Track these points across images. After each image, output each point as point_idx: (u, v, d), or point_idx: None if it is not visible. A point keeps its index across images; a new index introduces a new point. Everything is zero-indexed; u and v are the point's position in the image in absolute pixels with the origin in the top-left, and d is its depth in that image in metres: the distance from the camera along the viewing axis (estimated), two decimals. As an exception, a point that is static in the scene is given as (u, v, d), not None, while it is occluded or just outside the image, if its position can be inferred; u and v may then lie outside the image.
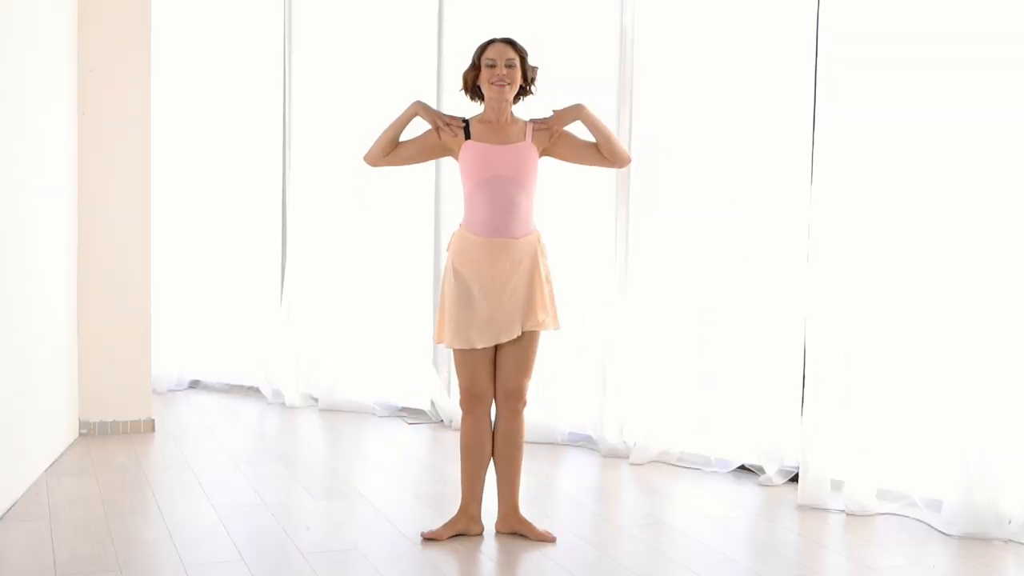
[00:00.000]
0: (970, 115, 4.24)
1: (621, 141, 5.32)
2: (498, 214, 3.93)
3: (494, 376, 4.04)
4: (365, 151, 4.08)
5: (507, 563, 3.88)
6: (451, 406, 5.95)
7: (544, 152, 4.05)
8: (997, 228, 4.19)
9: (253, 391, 6.80)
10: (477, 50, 4.01)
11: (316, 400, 6.49)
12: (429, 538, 4.03)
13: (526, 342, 4.00)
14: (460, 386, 4.06)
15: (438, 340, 4.09)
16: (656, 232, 5.33)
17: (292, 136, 6.63)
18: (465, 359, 4.01)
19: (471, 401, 4.04)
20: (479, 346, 3.95)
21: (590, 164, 4.12)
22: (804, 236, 4.77)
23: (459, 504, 4.12)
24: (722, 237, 5.10)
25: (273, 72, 6.74)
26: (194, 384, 6.98)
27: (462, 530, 4.08)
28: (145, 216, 5.65)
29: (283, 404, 6.52)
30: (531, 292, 3.96)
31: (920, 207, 4.42)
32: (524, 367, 4.02)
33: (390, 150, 4.05)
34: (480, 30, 5.74)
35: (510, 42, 3.99)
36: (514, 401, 4.05)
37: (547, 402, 5.50)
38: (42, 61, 4.92)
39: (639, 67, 5.40)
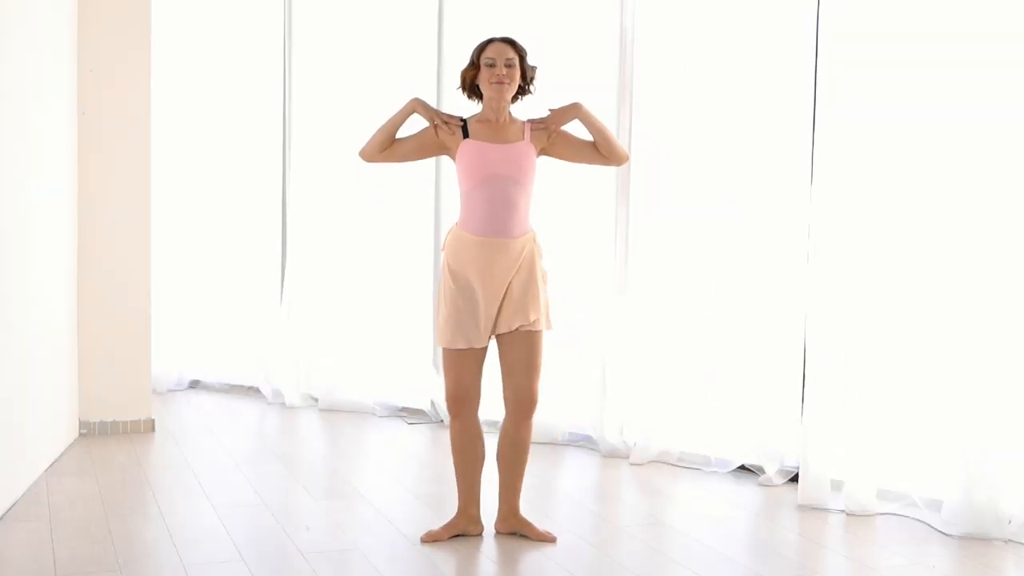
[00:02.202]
0: (970, 115, 4.24)
1: (621, 141, 5.36)
2: (496, 213, 3.92)
3: (502, 380, 4.02)
4: (361, 146, 4.06)
5: (507, 563, 3.88)
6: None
7: (542, 151, 4.04)
8: (997, 228, 4.19)
9: (253, 391, 6.80)
10: (476, 49, 4.00)
11: (316, 400, 6.50)
12: (429, 540, 4.03)
13: (529, 345, 3.97)
14: (446, 390, 4.02)
15: (439, 342, 4.09)
16: (656, 232, 5.33)
17: (292, 136, 6.63)
18: (454, 361, 3.98)
19: (456, 405, 4.01)
20: (476, 346, 3.94)
21: (588, 162, 4.11)
22: (804, 236, 4.77)
23: (457, 506, 4.12)
24: (722, 237, 5.11)
25: (273, 72, 6.74)
26: (194, 384, 6.98)
27: (462, 531, 4.08)
28: (145, 216, 5.65)
29: (283, 404, 6.52)
30: (526, 291, 3.95)
31: (920, 207, 4.42)
32: (532, 370, 3.99)
33: (386, 146, 4.03)
34: (480, 30, 5.75)
35: (510, 41, 3.98)
36: (527, 406, 4.01)
37: (547, 402, 5.47)
38: (42, 61, 4.92)
39: (639, 67, 5.40)
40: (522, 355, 3.97)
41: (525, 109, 4.11)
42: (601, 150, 4.04)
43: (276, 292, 6.76)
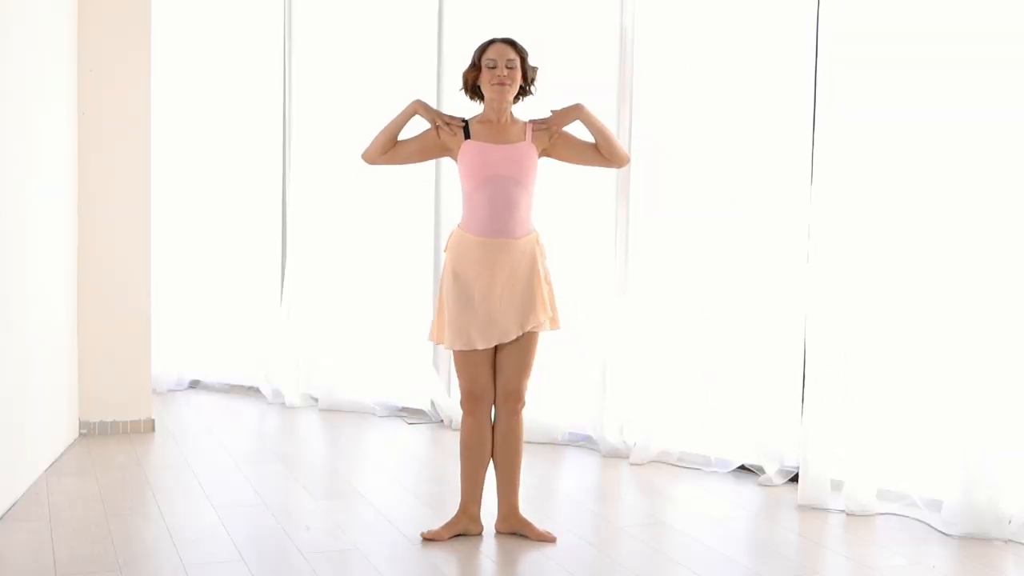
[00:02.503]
0: (970, 115, 4.24)
1: (621, 141, 5.36)
2: (497, 214, 3.93)
3: (494, 377, 4.04)
4: (363, 148, 4.07)
5: (507, 563, 3.88)
6: (451, 406, 5.95)
7: (544, 152, 4.05)
8: (997, 228, 4.19)
9: (253, 391, 6.80)
10: (477, 50, 4.00)
11: (316, 400, 6.49)
12: (429, 538, 4.03)
13: (525, 343, 4.00)
14: (461, 387, 4.06)
15: (437, 340, 4.09)
16: (656, 232, 5.33)
17: (292, 136, 6.64)
18: (466, 360, 4.00)
19: (472, 402, 4.04)
20: (479, 347, 3.95)
21: (589, 164, 4.12)
22: (804, 236, 4.77)
23: (459, 504, 4.12)
24: (722, 237, 5.11)
25: (273, 72, 6.74)
26: (194, 384, 6.98)
27: (462, 530, 4.08)
28: (145, 216, 5.65)
29: (283, 404, 6.52)
30: (531, 293, 3.96)
31: (920, 207, 4.43)
32: (523, 368, 4.03)
33: (388, 148, 4.04)
34: (480, 30, 5.76)
35: (511, 42, 3.99)
36: (513, 402, 4.05)
37: (547, 402, 5.50)
38: (42, 61, 4.92)
39: (639, 67, 5.40)
40: (517, 354, 4.00)
41: (526, 110, 4.11)
42: (602, 151, 4.05)
43: (276, 292, 6.76)
